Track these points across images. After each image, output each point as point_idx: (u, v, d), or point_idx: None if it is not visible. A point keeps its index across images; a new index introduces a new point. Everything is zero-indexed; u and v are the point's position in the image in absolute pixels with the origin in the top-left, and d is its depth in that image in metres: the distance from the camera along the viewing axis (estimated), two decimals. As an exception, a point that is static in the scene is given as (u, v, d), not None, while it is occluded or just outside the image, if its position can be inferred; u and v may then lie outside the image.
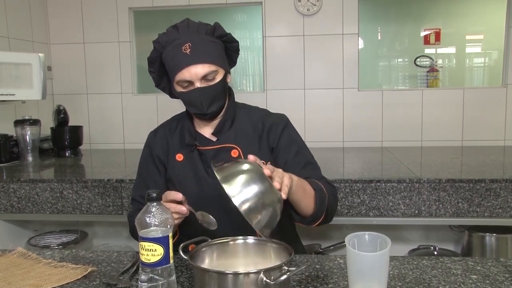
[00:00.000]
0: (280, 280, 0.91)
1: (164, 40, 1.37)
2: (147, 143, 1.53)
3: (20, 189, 2.16)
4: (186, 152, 1.43)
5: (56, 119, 2.84)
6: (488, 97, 2.99)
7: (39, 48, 3.12)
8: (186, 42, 1.32)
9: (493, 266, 1.16)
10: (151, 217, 0.91)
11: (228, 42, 1.42)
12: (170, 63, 1.36)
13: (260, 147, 1.42)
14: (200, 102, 1.35)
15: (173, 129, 1.50)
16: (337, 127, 3.09)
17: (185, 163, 1.42)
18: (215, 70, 1.34)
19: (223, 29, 1.40)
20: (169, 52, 1.35)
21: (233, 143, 1.41)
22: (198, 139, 1.43)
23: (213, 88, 1.35)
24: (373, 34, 3.64)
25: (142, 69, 3.43)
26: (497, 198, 1.96)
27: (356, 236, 1.00)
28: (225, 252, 1.09)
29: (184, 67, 1.32)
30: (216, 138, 1.43)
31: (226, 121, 1.43)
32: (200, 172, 1.40)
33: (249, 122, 1.45)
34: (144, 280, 0.92)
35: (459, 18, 3.57)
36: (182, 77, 1.33)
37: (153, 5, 3.15)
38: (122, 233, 2.85)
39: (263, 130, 1.44)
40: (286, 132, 1.45)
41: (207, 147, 1.41)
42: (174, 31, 1.37)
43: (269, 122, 1.45)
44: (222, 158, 1.38)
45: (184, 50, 1.32)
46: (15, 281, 1.11)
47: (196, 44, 1.33)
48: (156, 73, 1.43)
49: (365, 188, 2.01)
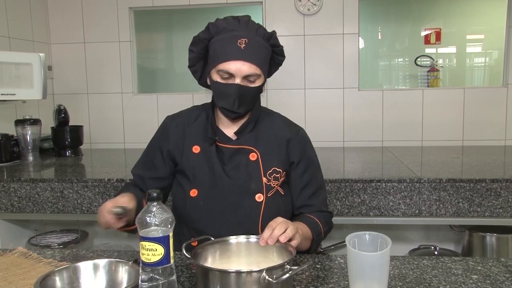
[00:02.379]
0: (282, 279, 0.92)
1: (222, 26, 1.34)
2: (162, 129, 1.49)
3: (21, 189, 2.16)
4: (204, 145, 1.41)
5: (57, 118, 2.84)
6: (489, 97, 2.99)
7: (40, 47, 3.12)
8: (244, 37, 1.31)
9: (493, 266, 1.16)
10: (151, 217, 0.91)
11: (277, 53, 1.42)
12: (220, 49, 1.32)
13: (278, 155, 1.41)
14: (234, 98, 1.32)
15: (193, 119, 1.46)
16: (338, 126, 3.09)
17: (201, 155, 1.40)
18: (259, 74, 1.34)
19: (278, 40, 1.40)
20: (223, 39, 1.33)
21: (252, 146, 1.40)
22: (218, 134, 1.41)
23: (250, 90, 1.34)
24: (373, 33, 3.64)
25: (142, 68, 3.43)
26: (498, 198, 1.95)
27: (356, 236, 1.00)
28: (227, 251, 1.09)
29: (233, 59, 1.30)
30: (236, 138, 1.42)
31: (249, 123, 1.42)
32: (215, 168, 1.38)
33: (271, 129, 1.44)
34: (144, 280, 0.92)
35: (459, 18, 3.57)
36: (227, 68, 1.30)
37: (153, 5, 3.15)
38: (123, 233, 2.85)
39: (283, 140, 1.43)
40: (306, 150, 1.46)
41: (227, 145, 1.40)
42: (234, 22, 1.35)
43: (290, 133, 1.45)
44: (240, 159, 1.39)
45: (239, 44, 1.30)
46: (15, 281, 1.11)
47: (252, 43, 1.32)
48: (196, 53, 1.39)
49: (366, 187, 2.01)
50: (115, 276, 1.03)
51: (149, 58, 3.64)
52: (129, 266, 1.03)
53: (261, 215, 1.34)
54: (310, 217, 1.38)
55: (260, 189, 1.36)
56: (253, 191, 1.36)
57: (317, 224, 1.36)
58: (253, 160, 1.38)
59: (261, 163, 1.38)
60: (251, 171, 1.37)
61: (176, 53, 3.75)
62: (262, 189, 1.36)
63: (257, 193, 1.35)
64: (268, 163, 1.38)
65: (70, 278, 1.01)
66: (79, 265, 1.03)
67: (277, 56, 1.43)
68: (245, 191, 1.36)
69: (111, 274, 1.03)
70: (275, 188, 1.38)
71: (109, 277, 1.03)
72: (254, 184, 1.36)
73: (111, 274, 1.03)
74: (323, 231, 1.37)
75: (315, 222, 1.36)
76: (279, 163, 1.40)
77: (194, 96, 3.17)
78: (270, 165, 1.38)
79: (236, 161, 1.39)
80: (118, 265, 1.04)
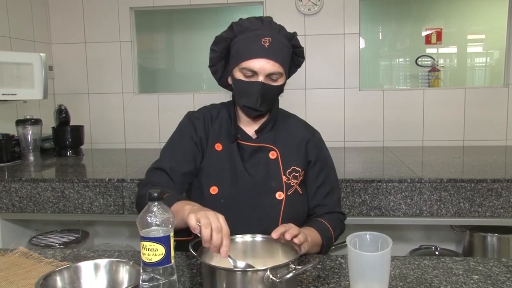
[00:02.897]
0: (286, 278, 0.92)
1: (246, 25, 1.36)
2: (189, 118, 1.46)
3: (22, 189, 2.17)
4: (225, 143, 1.42)
5: (58, 118, 2.84)
6: (490, 97, 2.99)
7: (41, 47, 3.12)
8: (268, 36, 1.33)
9: (494, 266, 1.16)
10: (152, 217, 0.91)
11: (297, 54, 1.43)
12: (243, 48, 1.34)
13: (297, 155, 1.43)
14: (257, 96, 1.34)
15: (215, 117, 1.47)
16: (338, 126, 3.08)
17: (223, 153, 1.41)
18: (281, 72, 1.35)
19: (299, 41, 1.41)
20: (247, 38, 1.34)
21: (272, 145, 1.42)
22: (239, 132, 1.43)
23: (273, 88, 1.36)
24: (374, 33, 3.64)
25: (143, 68, 3.43)
26: (499, 198, 1.95)
27: (357, 236, 1.00)
28: (233, 249, 1.10)
29: (258, 57, 1.31)
30: (256, 137, 1.43)
31: (269, 122, 1.44)
32: (237, 166, 1.39)
33: (288, 130, 1.46)
34: (145, 280, 0.92)
35: (460, 18, 3.57)
36: (251, 66, 1.32)
37: (154, 5, 3.15)
38: (123, 232, 2.86)
39: (302, 140, 1.45)
40: (322, 151, 1.48)
41: (248, 143, 1.42)
42: (257, 22, 1.37)
43: (307, 134, 1.48)
44: (260, 157, 1.40)
45: (263, 43, 1.32)
46: (16, 280, 1.11)
47: (275, 42, 1.33)
48: (218, 53, 1.41)
49: (366, 188, 2.01)
50: (116, 276, 1.03)
51: (150, 58, 3.64)
52: (130, 266, 1.03)
53: (281, 213, 1.35)
54: (321, 221, 1.38)
55: (281, 187, 1.37)
56: (273, 189, 1.37)
57: (327, 230, 1.36)
58: (273, 159, 1.39)
59: (280, 162, 1.40)
60: (271, 170, 1.39)
61: (176, 53, 3.75)
62: (282, 187, 1.37)
63: (278, 191, 1.36)
64: (287, 162, 1.40)
65: (71, 278, 1.01)
66: (80, 265, 1.03)
67: (297, 57, 1.44)
68: (266, 189, 1.37)
69: (112, 274, 1.04)
70: (294, 186, 1.39)
71: (110, 277, 1.03)
72: (274, 182, 1.37)
73: (112, 274, 1.04)
74: (333, 236, 1.38)
75: (326, 227, 1.36)
76: (298, 162, 1.42)
77: (195, 96, 3.17)
78: (289, 164, 1.40)
79: (256, 159, 1.40)
80: (119, 265, 1.04)
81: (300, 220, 1.39)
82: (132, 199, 2.12)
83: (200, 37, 3.53)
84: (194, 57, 3.64)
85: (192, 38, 3.53)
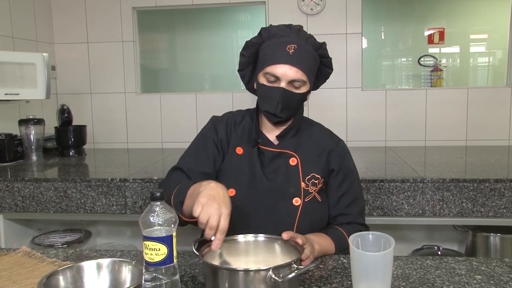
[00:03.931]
0: (288, 278, 0.92)
1: (274, 31, 1.37)
2: (212, 124, 1.49)
3: (24, 188, 2.17)
4: (246, 147, 1.43)
5: (60, 118, 2.85)
6: (493, 97, 2.98)
7: (43, 47, 3.13)
8: (294, 43, 1.33)
9: (497, 266, 1.16)
10: (155, 217, 0.91)
11: (325, 65, 1.43)
12: (269, 53, 1.35)
13: (318, 163, 1.42)
14: (277, 101, 1.34)
15: (238, 122, 1.49)
16: (341, 126, 3.08)
17: (244, 157, 1.42)
18: (304, 80, 1.35)
19: (327, 51, 1.41)
20: (273, 44, 1.35)
21: (293, 151, 1.42)
22: (261, 137, 1.44)
23: (294, 95, 1.36)
24: (376, 33, 3.63)
25: (145, 68, 3.43)
26: (502, 198, 1.95)
27: (359, 236, 1.00)
28: (236, 249, 1.10)
29: (281, 63, 1.32)
30: (277, 142, 1.44)
31: (291, 129, 1.44)
32: (256, 170, 1.39)
33: (311, 138, 1.46)
34: (147, 279, 0.92)
35: (463, 17, 3.56)
36: (274, 71, 1.33)
37: (156, 5, 3.15)
38: (126, 232, 2.86)
39: (325, 149, 1.44)
40: (346, 160, 1.47)
41: (269, 148, 1.42)
42: (286, 29, 1.38)
43: (331, 143, 1.47)
44: (280, 163, 1.40)
45: (289, 49, 1.33)
46: (19, 280, 1.11)
47: (301, 49, 1.34)
48: (247, 58, 1.42)
49: (369, 187, 2.01)
50: (118, 276, 1.03)
51: (152, 58, 3.64)
52: (133, 265, 1.03)
53: (297, 219, 1.35)
54: (338, 229, 1.37)
55: (298, 193, 1.37)
56: (291, 195, 1.36)
57: (343, 238, 1.34)
58: (293, 165, 1.39)
59: (300, 169, 1.39)
60: (290, 176, 1.38)
61: (179, 53, 3.75)
62: (300, 193, 1.37)
63: (295, 197, 1.36)
64: (307, 168, 1.40)
65: (73, 277, 1.01)
66: (83, 265, 1.03)
67: (325, 68, 1.44)
68: (283, 194, 1.37)
69: (115, 273, 1.04)
70: (312, 193, 1.39)
71: (113, 276, 1.04)
72: (292, 188, 1.37)
73: (114, 273, 1.04)
74: None
75: (342, 236, 1.35)
76: (319, 170, 1.41)
77: (197, 96, 3.17)
78: (309, 171, 1.40)
79: (276, 164, 1.40)
80: (122, 265, 1.04)
81: (317, 227, 1.38)
82: (135, 199, 2.12)
83: (202, 37, 3.53)
84: (196, 57, 3.64)
85: (194, 38, 3.53)
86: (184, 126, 3.18)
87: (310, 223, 1.37)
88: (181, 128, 3.19)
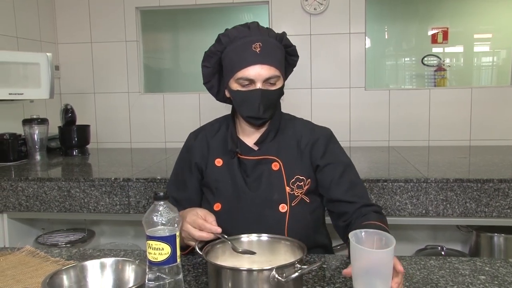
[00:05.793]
0: (292, 278, 0.92)
1: (234, 35, 1.32)
2: (186, 146, 1.48)
3: (28, 188, 2.18)
4: (225, 158, 1.39)
5: (64, 118, 2.85)
6: (496, 97, 2.97)
7: (47, 47, 3.14)
8: (258, 41, 1.29)
9: (501, 266, 1.16)
10: (158, 216, 0.92)
11: (290, 54, 1.40)
12: (235, 58, 1.30)
13: (302, 162, 1.38)
14: (258, 103, 1.30)
15: (215, 132, 1.45)
16: (344, 126, 3.08)
17: (223, 169, 1.38)
18: (278, 75, 1.32)
19: (289, 40, 1.38)
20: (236, 47, 1.31)
21: (274, 156, 1.36)
22: (239, 146, 1.38)
23: (273, 93, 1.32)
24: (380, 33, 3.63)
25: (149, 68, 3.44)
26: (506, 198, 1.94)
27: (360, 232, 0.99)
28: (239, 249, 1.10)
29: (251, 64, 1.28)
30: (257, 148, 1.39)
31: (270, 132, 1.38)
32: (238, 180, 1.36)
33: (293, 135, 1.41)
34: (151, 279, 0.92)
35: (467, 17, 3.55)
36: (246, 74, 1.28)
37: (160, 5, 3.16)
38: (129, 231, 2.87)
39: (306, 145, 1.39)
40: (329, 149, 1.40)
41: (248, 157, 1.37)
42: (244, 28, 1.33)
43: (312, 137, 1.41)
44: (262, 170, 1.36)
45: (254, 49, 1.28)
46: (23, 279, 1.12)
47: (266, 45, 1.30)
48: (210, 68, 1.38)
49: (372, 187, 2.00)
50: (122, 275, 1.04)
51: (156, 57, 3.65)
52: (136, 265, 1.03)
53: (286, 225, 1.31)
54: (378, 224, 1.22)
55: (284, 199, 1.33)
56: (276, 202, 1.32)
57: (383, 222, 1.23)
58: (275, 170, 1.35)
59: (284, 173, 1.35)
60: (274, 181, 1.34)
61: (182, 52, 3.76)
62: (286, 199, 1.33)
63: (281, 204, 1.32)
64: (291, 171, 1.35)
65: (77, 276, 1.01)
66: (86, 264, 1.03)
67: (290, 57, 1.41)
68: (268, 202, 1.33)
69: (118, 273, 1.04)
70: (299, 196, 1.34)
71: (116, 276, 1.04)
72: (277, 194, 1.33)
73: (118, 273, 1.04)
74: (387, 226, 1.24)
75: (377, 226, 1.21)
76: (303, 170, 1.36)
77: (201, 96, 3.17)
78: (293, 173, 1.35)
79: (259, 171, 1.36)
80: (125, 264, 1.04)
81: (310, 227, 1.35)
82: (138, 198, 2.12)
83: (205, 37, 3.53)
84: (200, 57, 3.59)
85: (197, 38, 3.53)
86: (187, 126, 3.14)
87: (302, 226, 1.33)
88: (184, 128, 3.16)
